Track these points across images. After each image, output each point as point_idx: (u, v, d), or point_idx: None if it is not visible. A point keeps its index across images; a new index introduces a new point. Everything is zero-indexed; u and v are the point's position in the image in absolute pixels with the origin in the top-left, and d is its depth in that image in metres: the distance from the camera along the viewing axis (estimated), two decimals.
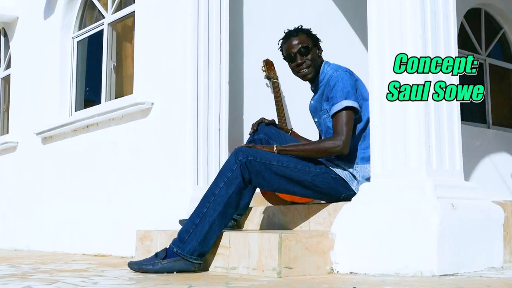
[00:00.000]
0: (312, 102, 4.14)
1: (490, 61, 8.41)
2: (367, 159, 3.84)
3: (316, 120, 4.13)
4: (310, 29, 4.15)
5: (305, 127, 4.92)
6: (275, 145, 3.86)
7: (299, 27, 4.12)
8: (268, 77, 5.62)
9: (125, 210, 5.74)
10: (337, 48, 6.23)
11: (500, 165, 8.01)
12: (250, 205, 4.39)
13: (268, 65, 5.64)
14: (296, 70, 4.08)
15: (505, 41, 8.72)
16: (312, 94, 4.18)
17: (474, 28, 8.27)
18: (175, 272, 3.55)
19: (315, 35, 4.13)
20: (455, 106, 3.54)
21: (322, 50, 4.14)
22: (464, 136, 7.49)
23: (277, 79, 5.62)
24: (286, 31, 4.14)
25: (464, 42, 8.08)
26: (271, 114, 5.27)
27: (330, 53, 5.54)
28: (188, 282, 3.09)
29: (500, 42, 8.70)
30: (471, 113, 8.22)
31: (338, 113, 3.78)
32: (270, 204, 4.48)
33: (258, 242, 3.39)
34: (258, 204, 4.88)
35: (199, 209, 3.65)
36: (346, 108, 3.77)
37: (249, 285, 2.93)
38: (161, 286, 2.91)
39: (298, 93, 5.49)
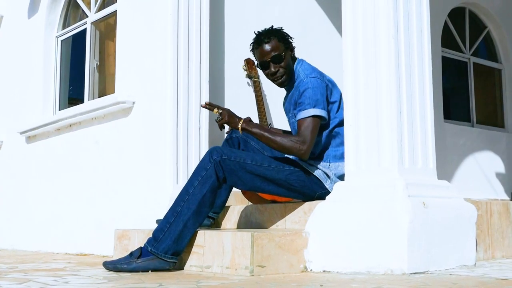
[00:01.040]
0: (286, 102, 4.14)
1: (474, 60, 8.44)
2: (339, 157, 3.85)
3: (288, 119, 4.14)
4: (281, 28, 4.05)
5: (286, 126, 4.93)
6: (242, 120, 3.84)
7: (270, 29, 4.02)
8: (249, 76, 5.63)
9: (107, 209, 5.74)
10: (319, 46, 6.26)
11: (484, 164, 8.05)
12: (229, 204, 4.42)
13: (249, 64, 5.64)
14: (270, 78, 4.04)
15: (489, 40, 8.75)
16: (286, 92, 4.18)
17: (458, 27, 8.30)
18: (149, 271, 3.56)
19: (286, 36, 4.02)
20: (429, 104, 3.56)
21: (294, 47, 4.06)
22: (448, 134, 7.62)
23: (258, 78, 5.63)
24: (256, 33, 4.05)
25: (448, 41, 8.10)
26: (252, 113, 5.27)
27: (313, 51, 5.60)
28: (159, 280, 3.11)
29: (485, 41, 8.73)
30: (455, 112, 8.26)
31: (306, 118, 3.74)
32: (250, 203, 4.50)
33: (232, 241, 3.40)
34: (239, 203, 4.89)
35: (173, 208, 3.66)
36: (314, 116, 3.75)
37: (219, 283, 2.95)
38: (132, 285, 2.92)
39: (279, 92, 5.47)
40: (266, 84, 5.65)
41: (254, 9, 5.95)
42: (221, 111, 3.91)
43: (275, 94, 5.74)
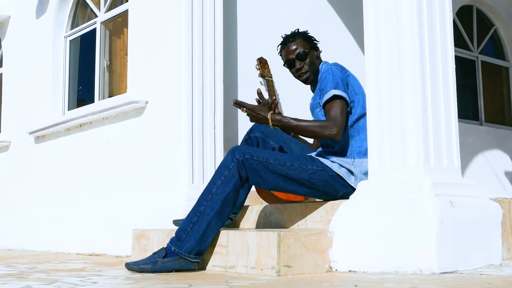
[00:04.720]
0: (311, 101, 4.15)
1: (482, 58, 8.43)
2: (363, 153, 3.84)
3: (313, 118, 4.13)
4: (307, 31, 4.17)
5: None
6: (270, 113, 3.87)
7: (296, 31, 4.15)
8: (262, 75, 5.62)
9: (120, 209, 5.72)
10: (331, 45, 6.22)
11: (493, 162, 8.04)
12: (246, 204, 4.39)
13: (262, 63, 5.63)
14: (296, 75, 4.14)
15: (497, 38, 8.74)
16: (312, 94, 4.19)
17: (466, 25, 8.29)
18: (173, 271, 3.54)
19: (312, 37, 4.16)
20: (453, 102, 3.55)
21: (320, 51, 4.18)
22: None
23: (271, 77, 5.62)
24: (283, 36, 4.16)
25: (456, 39, 8.07)
26: None
27: (324, 50, 5.56)
28: (187, 281, 3.08)
29: (492, 39, 8.72)
30: (464, 110, 8.25)
31: (330, 102, 3.80)
32: (266, 203, 4.47)
33: (257, 241, 3.38)
34: (254, 203, 4.87)
35: (196, 208, 3.64)
36: (336, 97, 3.79)
37: (250, 283, 2.92)
38: (160, 286, 2.90)
39: (292, 91, 5.50)
40: (279, 83, 5.64)
41: (266, 9, 5.94)
42: (247, 112, 3.94)
43: (288, 93, 5.74)
